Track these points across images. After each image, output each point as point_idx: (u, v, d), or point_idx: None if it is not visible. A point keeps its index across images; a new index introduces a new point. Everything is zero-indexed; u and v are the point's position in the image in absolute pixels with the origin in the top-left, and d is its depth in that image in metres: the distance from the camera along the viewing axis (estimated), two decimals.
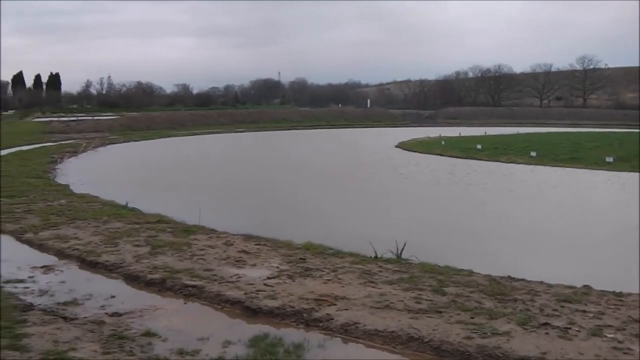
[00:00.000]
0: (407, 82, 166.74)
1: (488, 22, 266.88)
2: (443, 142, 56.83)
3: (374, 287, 11.00)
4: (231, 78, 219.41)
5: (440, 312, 9.64)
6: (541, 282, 11.49)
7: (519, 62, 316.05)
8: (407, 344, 8.68)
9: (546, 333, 8.80)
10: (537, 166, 39.33)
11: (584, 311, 9.77)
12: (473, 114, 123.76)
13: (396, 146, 57.05)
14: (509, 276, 11.86)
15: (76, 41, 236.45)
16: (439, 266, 12.61)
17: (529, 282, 11.57)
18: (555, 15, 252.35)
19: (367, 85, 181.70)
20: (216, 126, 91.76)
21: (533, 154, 43.37)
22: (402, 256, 13.66)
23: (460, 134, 69.89)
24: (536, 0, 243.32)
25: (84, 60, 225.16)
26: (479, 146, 49.74)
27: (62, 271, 12.69)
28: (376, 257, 13.51)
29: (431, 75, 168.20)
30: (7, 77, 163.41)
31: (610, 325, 9.10)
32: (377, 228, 18.62)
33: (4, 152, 44.70)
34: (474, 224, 20.39)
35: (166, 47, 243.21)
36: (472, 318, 9.34)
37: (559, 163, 40.16)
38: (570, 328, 8.97)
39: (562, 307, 9.95)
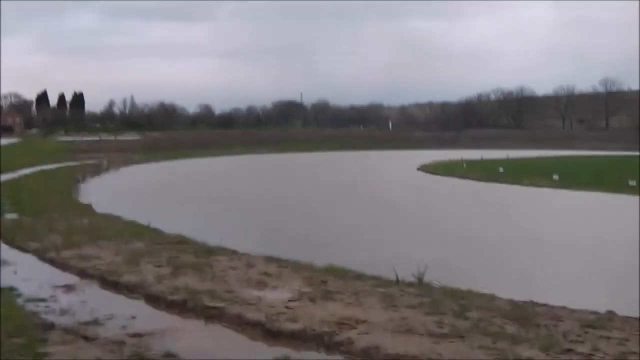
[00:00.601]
0: (429, 104, 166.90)
1: (511, 45, 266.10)
2: (465, 165, 56.69)
3: (395, 311, 10.92)
4: (253, 99, 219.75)
5: (463, 336, 9.54)
6: (564, 307, 11.35)
7: (542, 85, 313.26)
8: None
9: (569, 359, 8.69)
10: (560, 190, 39.06)
11: (608, 337, 9.63)
12: (495, 136, 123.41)
13: (418, 169, 57.00)
14: (531, 301, 11.74)
15: (100, 61, 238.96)
16: (461, 290, 12.50)
17: (552, 307, 11.43)
18: (579, 37, 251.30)
19: (389, 107, 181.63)
20: (238, 147, 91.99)
21: (556, 177, 43.10)
22: (424, 279, 13.57)
23: (482, 157, 69.74)
24: (559, 23, 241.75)
25: (108, 80, 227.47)
26: (500, 169, 49.55)
27: (83, 291, 12.72)
28: (398, 280, 13.43)
29: (453, 97, 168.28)
30: (32, 95, 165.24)
31: (634, 352, 8.95)
32: (399, 250, 18.56)
33: (28, 170, 45.09)
34: (496, 247, 20.27)
35: (189, 68, 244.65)
36: (495, 343, 9.23)
37: (582, 186, 39.87)
38: (594, 355, 8.83)
39: (586, 332, 9.82)
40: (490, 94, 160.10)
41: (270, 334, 10.00)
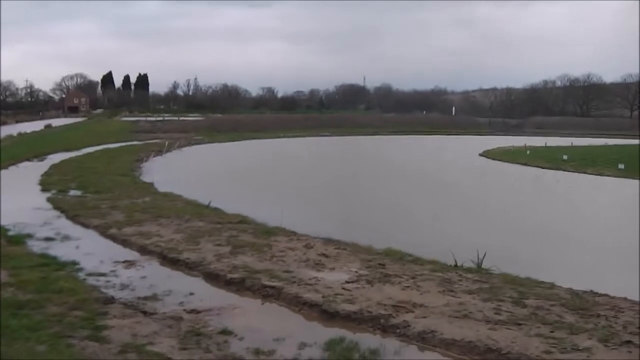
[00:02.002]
0: (494, 90, 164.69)
1: (579, 30, 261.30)
2: (528, 152, 55.87)
3: (453, 296, 10.87)
4: (316, 83, 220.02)
5: (520, 324, 9.45)
6: (625, 299, 11.14)
7: (610, 72, 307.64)
8: (485, 355, 8.54)
9: (629, 351, 8.53)
10: (626, 179, 38.23)
11: None
12: (560, 123, 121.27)
13: (480, 154, 56.40)
14: (591, 291, 11.55)
15: (165, 44, 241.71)
16: (520, 277, 12.37)
17: (612, 297, 11.22)
18: None
19: (452, 93, 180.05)
20: (300, 130, 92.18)
21: (621, 166, 42.17)
22: (483, 266, 13.45)
23: (546, 144, 68.63)
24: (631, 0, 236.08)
25: (172, 62, 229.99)
26: (565, 157, 48.70)
27: (143, 267, 12.94)
28: (456, 265, 13.34)
29: (518, 84, 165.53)
30: (98, 77, 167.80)
31: None
32: (459, 235, 18.41)
33: (93, 149, 45.88)
34: (558, 235, 19.98)
35: (253, 51, 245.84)
36: (552, 332, 9.13)
37: None
38: None
39: None
40: (556, 80, 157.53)
41: (327, 314, 10.05)
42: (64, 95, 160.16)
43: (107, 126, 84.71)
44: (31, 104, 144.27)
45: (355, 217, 22.30)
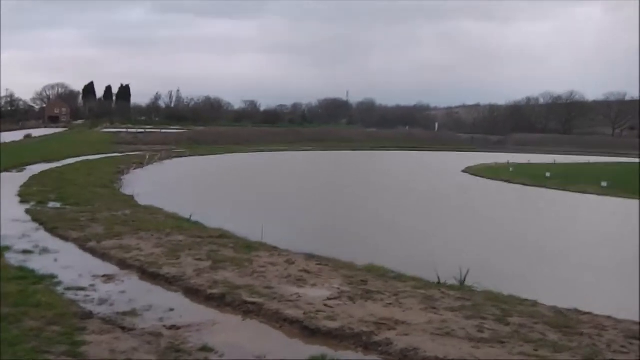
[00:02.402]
0: (477, 106, 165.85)
1: (561, 48, 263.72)
2: (511, 169, 56.20)
3: (435, 314, 10.84)
4: (300, 96, 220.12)
5: (503, 342, 9.43)
6: (609, 317, 11.15)
7: (592, 89, 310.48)
8: None
9: None
10: (609, 197, 38.44)
11: None
12: (543, 141, 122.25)
13: (463, 171, 56.64)
14: (575, 309, 11.56)
15: (147, 55, 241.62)
16: (503, 295, 12.36)
17: (596, 316, 11.24)
18: (630, 43, 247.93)
19: (435, 108, 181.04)
20: (282, 144, 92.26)
21: (604, 184, 42.42)
22: (466, 283, 13.45)
23: (529, 160, 69.06)
24: (611, 27, 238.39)
25: (154, 73, 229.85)
26: (548, 174, 48.99)
27: (122, 281, 12.82)
28: (439, 282, 13.33)
29: (501, 100, 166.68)
30: (79, 87, 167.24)
31: None
32: (442, 252, 18.46)
33: (73, 160, 45.68)
34: (542, 252, 20.04)
35: (236, 63, 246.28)
36: (536, 350, 9.11)
37: (631, 194, 39.16)
38: None
39: (631, 344, 9.64)
40: (539, 97, 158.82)
41: (308, 331, 9.99)
42: (44, 105, 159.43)
43: (88, 137, 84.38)
44: (11, 113, 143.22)
45: (337, 233, 22.33)
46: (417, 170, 58.07)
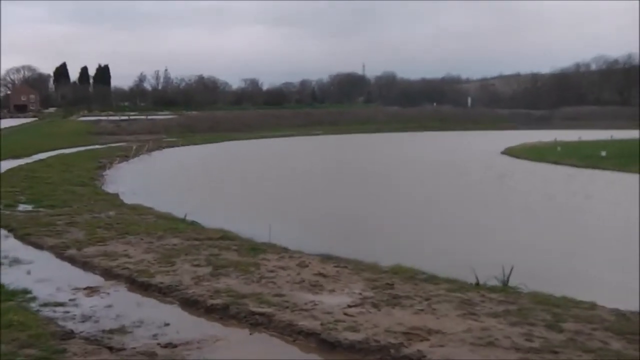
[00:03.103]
0: (516, 76, 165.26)
1: (616, 3, 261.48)
2: (559, 148, 56.01)
3: (475, 320, 10.82)
4: (308, 73, 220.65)
5: (556, 352, 9.40)
6: None
7: None
8: None
9: None
10: None
11: None
12: (596, 114, 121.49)
13: (502, 152, 56.55)
14: None
15: (129, 30, 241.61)
16: (554, 296, 12.32)
17: None
18: None
19: (467, 81, 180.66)
20: (289, 128, 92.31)
21: None
22: (510, 283, 13.41)
23: (580, 138, 68.83)
24: None
25: (138, 51, 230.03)
26: (603, 153, 48.67)
27: (108, 293, 12.84)
28: (478, 284, 13.30)
29: (545, 68, 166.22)
30: (49, 69, 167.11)
31: None
32: (479, 249, 18.41)
33: (45, 155, 45.78)
34: (598, 247, 19.96)
35: (233, 37, 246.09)
36: None
37: None
38: None
39: None
40: (590, 63, 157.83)
41: (327, 345, 9.99)
42: (9, 92, 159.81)
43: (62, 127, 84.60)
44: None
45: (356, 230, 22.31)
46: (447, 154, 57.92)
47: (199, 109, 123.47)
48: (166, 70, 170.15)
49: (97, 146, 58.05)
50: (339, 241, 18.86)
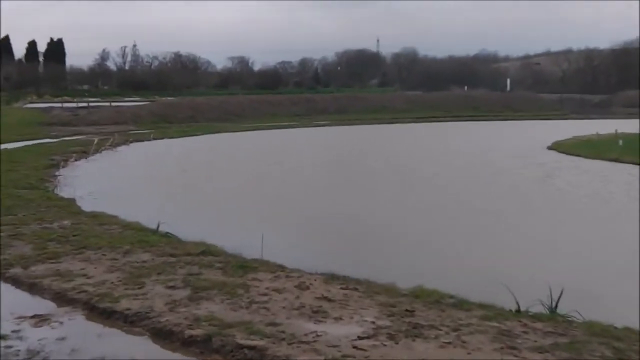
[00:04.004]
0: (567, 53, 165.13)
1: None
2: (621, 142, 55.86)
3: (515, 356, 10.81)
4: (309, 49, 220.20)
5: None
6: None
7: None
8: None
9: None
10: None
11: None
12: None
13: (549, 147, 56.52)
14: None
15: None
16: (615, 327, 12.30)
17: None
18: None
19: (506, 59, 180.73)
20: (287, 117, 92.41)
21: None
22: (559, 310, 13.40)
23: None
24: None
25: (99, 23, 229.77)
26: None
27: (61, 323, 12.82)
28: (519, 310, 13.29)
29: (603, 42, 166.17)
30: None
31: None
32: (520, 266, 18.40)
33: None
34: None
35: (217, 7, 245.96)
36: None
37: None
38: None
39: None
40: None
41: None
42: None
43: (5, 117, 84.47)
44: None
45: (368, 243, 22.30)
46: (481, 149, 57.86)
47: (176, 94, 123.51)
48: (135, 46, 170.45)
49: (48, 140, 58.07)
50: (347, 257, 18.91)
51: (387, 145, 63.61)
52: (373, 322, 12.31)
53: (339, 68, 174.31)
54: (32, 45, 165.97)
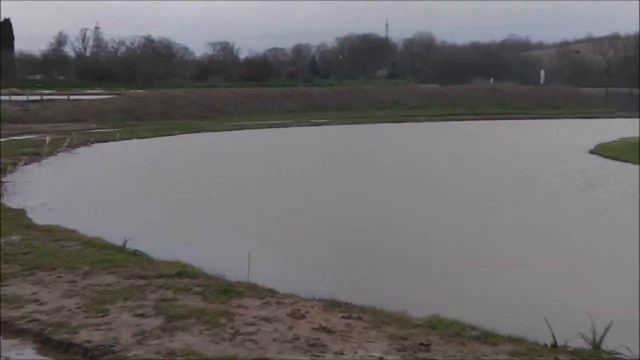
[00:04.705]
0: (613, 38, 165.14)
1: None
2: None
3: None
4: (305, 34, 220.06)
5: None
6: None
7: None
8: None
9: None
10: None
11: None
12: None
13: (592, 151, 56.58)
14: None
15: None
16: None
17: None
18: None
19: (540, 46, 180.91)
20: (279, 114, 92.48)
21: None
22: (603, 345, 13.37)
23: None
24: None
25: (55, 2, 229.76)
26: None
27: (7, 359, 12.82)
28: (555, 345, 13.27)
29: None
30: None
31: None
32: (556, 293, 18.38)
33: None
34: None
35: None
36: None
37: None
38: None
39: None
40: None
41: None
42: None
43: None
44: None
45: (375, 263, 22.28)
46: (510, 154, 57.87)
47: (147, 86, 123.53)
48: (97, 28, 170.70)
49: None
50: (349, 279, 18.90)
51: (397, 149, 63.62)
52: (381, 358, 12.31)
53: (340, 56, 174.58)
54: None
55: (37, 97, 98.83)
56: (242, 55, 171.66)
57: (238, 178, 43.11)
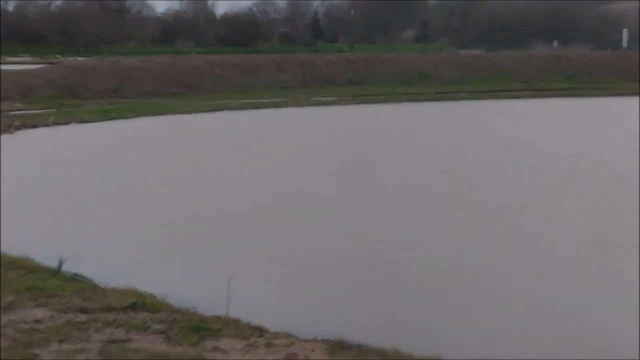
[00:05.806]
0: None
1: None
2: None
3: None
4: None
5: None
6: None
7: None
8: None
9: None
10: None
11: None
12: None
13: None
14: None
15: None
16: None
17: None
18: None
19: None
20: (270, 91, 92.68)
21: None
22: None
23: None
24: None
25: None
26: None
27: None
28: None
29: None
30: None
31: None
32: (611, 328, 18.46)
33: None
34: None
35: None
36: None
37: None
38: None
39: None
40: None
41: None
42: None
43: None
44: None
45: (391, 292, 22.31)
46: (579, 146, 57.83)
47: (92, 53, 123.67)
48: None
49: None
50: (363, 313, 18.95)
51: (428, 139, 63.42)
52: None
53: (352, 13, 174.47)
54: None
55: None
56: (220, 12, 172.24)
57: (213, 179, 43.14)
